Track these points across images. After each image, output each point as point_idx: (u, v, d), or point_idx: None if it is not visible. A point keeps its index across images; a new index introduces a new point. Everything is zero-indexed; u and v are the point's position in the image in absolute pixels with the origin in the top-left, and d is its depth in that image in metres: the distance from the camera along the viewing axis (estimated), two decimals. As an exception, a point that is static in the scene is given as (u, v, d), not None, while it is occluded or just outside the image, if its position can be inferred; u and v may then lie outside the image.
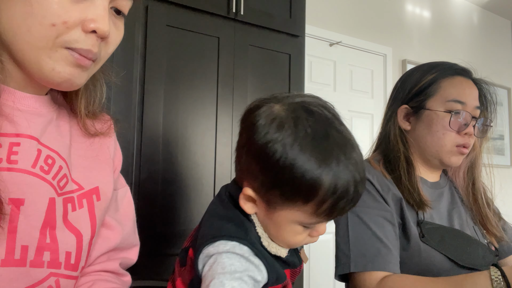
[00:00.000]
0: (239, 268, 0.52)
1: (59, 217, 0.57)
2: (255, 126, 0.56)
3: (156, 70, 1.32)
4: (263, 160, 0.55)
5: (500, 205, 1.07)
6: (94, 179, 0.64)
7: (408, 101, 0.97)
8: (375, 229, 0.85)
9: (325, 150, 0.54)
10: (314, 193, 0.53)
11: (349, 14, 2.79)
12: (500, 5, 3.74)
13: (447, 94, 0.93)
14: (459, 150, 0.92)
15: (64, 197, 0.58)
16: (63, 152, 0.60)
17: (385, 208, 0.88)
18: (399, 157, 0.94)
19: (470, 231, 0.94)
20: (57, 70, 0.53)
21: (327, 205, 0.54)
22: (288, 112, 0.57)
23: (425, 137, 0.94)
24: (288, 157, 0.52)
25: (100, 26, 0.52)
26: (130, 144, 1.26)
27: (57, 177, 0.57)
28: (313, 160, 0.52)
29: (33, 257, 0.54)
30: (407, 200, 0.90)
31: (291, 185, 0.53)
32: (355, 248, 0.84)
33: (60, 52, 0.52)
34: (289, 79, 1.62)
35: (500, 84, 3.74)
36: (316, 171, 0.52)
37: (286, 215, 0.57)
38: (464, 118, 0.91)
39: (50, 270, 0.56)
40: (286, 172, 0.53)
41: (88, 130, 0.65)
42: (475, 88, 0.96)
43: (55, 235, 0.56)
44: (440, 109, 0.92)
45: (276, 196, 0.55)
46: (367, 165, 0.95)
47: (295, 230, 0.58)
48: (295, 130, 0.54)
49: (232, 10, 1.46)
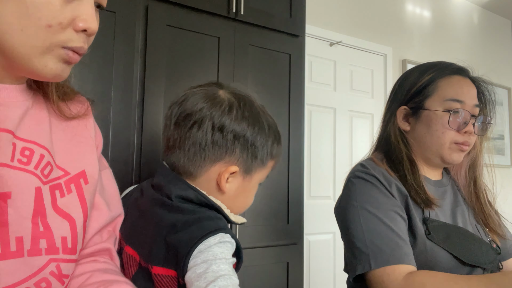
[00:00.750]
0: (227, 254, 0.64)
1: (48, 204, 0.58)
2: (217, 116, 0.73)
3: (156, 70, 1.32)
4: (243, 142, 0.74)
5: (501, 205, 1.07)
6: (79, 163, 0.65)
7: (406, 102, 0.98)
8: (389, 223, 0.85)
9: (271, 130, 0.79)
10: (273, 155, 0.78)
11: (349, 14, 2.79)
12: (500, 5, 3.74)
13: (445, 94, 0.93)
14: (458, 146, 0.93)
15: (50, 185, 0.59)
16: (42, 140, 0.60)
17: (395, 202, 0.88)
18: (402, 157, 0.94)
19: (472, 229, 0.95)
20: (50, 67, 0.54)
21: (280, 156, 0.81)
22: (234, 101, 0.75)
23: (425, 136, 0.94)
24: (258, 141, 0.76)
25: (91, 26, 0.54)
26: (130, 144, 1.26)
27: (39, 166, 0.58)
28: (270, 140, 0.78)
29: (29, 247, 0.55)
30: (413, 199, 0.90)
31: (261, 155, 0.75)
32: (372, 244, 0.83)
33: (57, 51, 0.54)
34: (289, 79, 1.62)
35: (500, 84, 3.74)
36: (271, 144, 0.77)
37: (257, 176, 0.78)
38: (463, 117, 0.92)
39: (49, 257, 0.57)
40: (259, 148, 0.75)
41: (64, 113, 0.65)
42: (473, 87, 0.96)
43: (47, 222, 0.57)
44: (439, 109, 0.92)
45: (254, 163, 0.75)
46: (371, 163, 0.95)
47: (255, 191, 0.80)
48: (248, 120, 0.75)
49: (232, 10, 1.46)
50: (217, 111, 0.71)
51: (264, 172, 0.79)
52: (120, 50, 1.25)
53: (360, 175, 0.93)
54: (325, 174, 2.59)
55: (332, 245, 2.57)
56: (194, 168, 0.73)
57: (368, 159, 0.99)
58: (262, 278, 1.50)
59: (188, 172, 0.74)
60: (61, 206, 0.60)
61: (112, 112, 1.22)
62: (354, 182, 0.93)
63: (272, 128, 0.77)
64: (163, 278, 0.67)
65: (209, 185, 0.74)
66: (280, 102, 1.59)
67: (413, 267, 0.82)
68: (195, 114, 0.71)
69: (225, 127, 0.70)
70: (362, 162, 0.98)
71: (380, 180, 0.90)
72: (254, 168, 0.76)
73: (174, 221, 0.68)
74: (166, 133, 0.77)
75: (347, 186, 0.95)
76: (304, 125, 1.65)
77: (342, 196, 0.96)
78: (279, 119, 1.58)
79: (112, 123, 1.22)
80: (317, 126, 2.56)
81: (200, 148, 0.71)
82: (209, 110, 0.71)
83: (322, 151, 2.59)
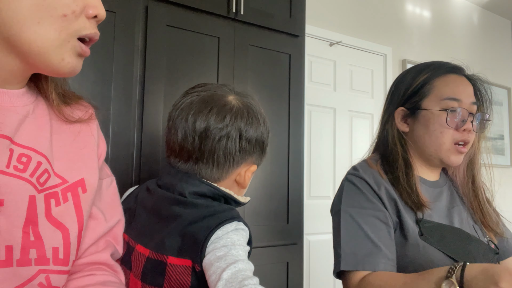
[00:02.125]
0: (243, 242, 0.71)
1: (41, 214, 0.57)
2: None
3: (156, 70, 1.32)
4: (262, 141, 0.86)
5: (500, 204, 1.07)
6: (78, 171, 0.63)
7: (404, 103, 0.98)
8: (367, 229, 0.86)
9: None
10: (266, 146, 0.87)
11: (349, 14, 2.79)
12: (500, 5, 3.74)
13: (441, 93, 0.93)
14: (457, 148, 0.93)
15: (46, 193, 0.58)
16: (41, 147, 0.59)
17: (379, 208, 0.89)
18: (397, 159, 0.94)
19: (469, 229, 0.95)
20: (66, 61, 0.54)
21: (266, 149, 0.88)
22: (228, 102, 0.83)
23: (423, 137, 0.95)
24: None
25: (101, 12, 0.56)
26: (130, 144, 1.26)
27: (35, 174, 0.57)
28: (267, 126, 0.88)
29: (19, 256, 0.54)
30: (405, 201, 0.91)
31: (265, 145, 0.87)
32: (346, 247, 0.86)
33: (72, 42, 0.54)
34: (289, 79, 1.62)
35: (500, 84, 3.74)
36: (268, 131, 0.87)
37: (259, 164, 0.87)
38: (461, 115, 0.92)
39: (38, 267, 0.55)
40: (266, 139, 0.87)
41: (67, 116, 0.64)
42: (469, 85, 0.96)
43: (39, 232, 0.56)
44: (436, 108, 0.93)
45: (258, 155, 0.85)
46: (363, 165, 0.96)
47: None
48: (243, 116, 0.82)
49: (232, 10, 1.46)
50: (240, 123, 0.80)
51: (261, 161, 0.89)
52: (120, 50, 1.25)
53: (350, 178, 0.95)
54: (325, 174, 2.59)
55: (331, 244, 2.56)
56: (223, 174, 0.82)
57: (363, 161, 1.00)
58: (262, 278, 1.50)
59: (214, 178, 0.82)
60: (55, 216, 0.58)
61: (112, 112, 1.22)
62: (344, 185, 0.96)
63: (267, 121, 0.87)
64: (178, 268, 0.70)
65: (230, 184, 0.84)
66: (280, 102, 1.59)
67: (381, 273, 0.82)
68: (223, 129, 0.79)
69: (249, 135, 0.81)
70: (355, 165, 0.99)
71: (369, 183, 0.91)
72: (261, 159, 0.87)
73: (191, 216, 0.74)
74: (185, 144, 0.80)
75: (340, 188, 0.98)
76: (304, 125, 1.65)
77: (335, 197, 0.99)
78: (279, 119, 1.58)
79: (112, 123, 1.22)
80: (317, 126, 2.56)
81: (230, 156, 0.80)
82: (233, 123, 0.80)
83: (322, 151, 2.59)
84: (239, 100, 0.83)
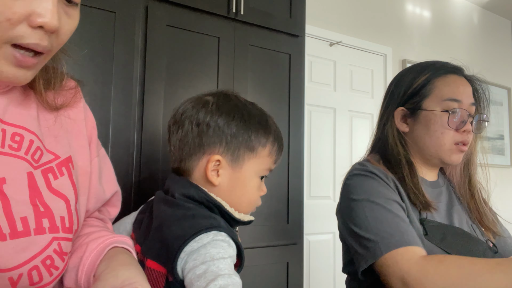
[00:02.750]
0: (224, 254, 0.64)
1: (43, 187, 0.59)
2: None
3: (156, 70, 1.32)
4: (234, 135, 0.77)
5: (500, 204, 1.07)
6: (67, 148, 0.65)
7: (404, 103, 0.98)
8: (394, 210, 0.85)
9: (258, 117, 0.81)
10: (266, 139, 0.78)
11: (349, 14, 2.79)
12: (500, 5, 3.74)
13: (442, 93, 0.93)
14: (458, 148, 0.93)
15: (42, 169, 0.60)
16: (31, 126, 0.60)
17: (394, 194, 0.89)
18: (400, 159, 0.94)
19: (468, 229, 0.95)
20: (0, 70, 0.51)
21: (277, 146, 0.79)
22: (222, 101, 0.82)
23: (424, 137, 0.94)
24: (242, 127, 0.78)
25: (48, 22, 0.50)
26: (130, 144, 1.26)
27: (30, 151, 0.58)
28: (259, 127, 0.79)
29: (35, 226, 0.56)
30: (412, 201, 0.90)
31: (251, 139, 0.77)
32: (380, 231, 0.82)
33: (4, 49, 0.50)
34: (289, 79, 1.62)
35: (500, 84, 3.74)
36: (265, 129, 0.79)
37: (251, 166, 0.77)
38: (461, 116, 0.92)
39: (52, 235, 0.58)
40: (245, 134, 0.77)
41: (50, 105, 0.63)
42: (468, 85, 0.96)
43: (46, 203, 0.58)
44: (437, 109, 0.93)
45: (242, 151, 0.76)
46: (368, 164, 0.95)
47: (256, 184, 0.78)
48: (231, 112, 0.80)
49: (232, 10, 1.46)
50: (195, 110, 0.78)
51: (259, 162, 0.78)
52: (120, 50, 1.25)
53: (358, 172, 0.93)
54: (325, 174, 2.59)
55: (332, 245, 2.57)
56: (188, 164, 0.79)
57: (365, 160, 0.99)
58: (262, 278, 1.50)
59: (186, 171, 0.80)
60: (56, 187, 0.61)
61: (112, 112, 1.22)
62: (352, 179, 0.93)
63: (255, 117, 0.79)
64: (154, 272, 0.69)
65: (202, 180, 0.79)
66: (280, 102, 1.59)
67: (423, 250, 0.81)
68: (179, 118, 0.80)
69: (200, 121, 0.76)
70: (360, 162, 0.98)
71: (379, 175, 0.91)
72: (242, 157, 0.77)
73: (170, 214, 0.71)
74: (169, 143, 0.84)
75: (345, 186, 0.96)
76: (304, 125, 1.65)
77: (341, 197, 0.96)
78: (279, 119, 1.58)
79: (112, 123, 1.22)
80: (317, 126, 2.56)
81: (187, 145, 0.78)
82: (190, 111, 0.79)
83: (322, 151, 2.59)
84: (212, 94, 0.82)
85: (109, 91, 1.23)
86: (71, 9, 0.55)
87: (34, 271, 0.56)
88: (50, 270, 0.58)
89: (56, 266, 0.59)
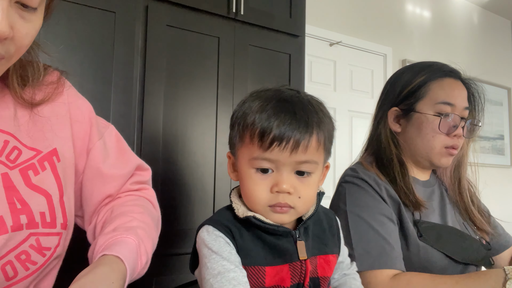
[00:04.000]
0: (207, 252, 0.61)
1: (20, 185, 0.59)
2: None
3: (156, 70, 1.32)
4: (231, 120, 0.69)
5: (500, 204, 1.07)
6: (50, 141, 0.64)
7: (398, 103, 0.98)
8: (377, 227, 0.85)
9: (265, 95, 0.67)
10: (245, 121, 0.64)
11: (349, 14, 2.79)
12: (500, 5, 3.74)
13: (436, 97, 0.93)
14: (448, 151, 0.93)
15: (20, 168, 0.60)
16: (5, 126, 0.60)
17: (384, 206, 0.89)
18: (392, 159, 0.94)
19: (460, 227, 0.96)
20: None
21: (257, 131, 0.62)
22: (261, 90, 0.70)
23: (415, 139, 0.95)
24: (241, 108, 0.67)
25: None
26: (130, 144, 1.26)
27: (4, 153, 0.58)
28: (253, 103, 0.65)
29: (11, 223, 0.56)
30: (403, 202, 0.91)
31: (237, 124, 0.66)
32: (358, 247, 0.83)
33: None
34: (289, 79, 1.62)
35: (500, 84, 3.74)
36: (250, 105, 0.65)
37: (241, 156, 0.65)
38: (453, 120, 0.92)
39: (29, 231, 0.59)
40: (239, 117, 0.67)
41: (27, 101, 0.62)
42: (464, 89, 0.96)
43: (24, 199, 0.59)
44: (430, 112, 0.93)
45: (235, 140, 0.67)
46: (360, 168, 0.96)
47: (251, 176, 0.63)
48: (258, 94, 0.67)
49: (232, 10, 1.46)
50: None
51: (245, 151, 0.64)
52: (120, 50, 1.25)
53: (350, 180, 0.93)
54: (325, 174, 2.59)
55: (332, 245, 2.57)
56: None
57: (358, 163, 1.00)
58: (262, 278, 1.50)
59: None
60: (36, 183, 0.61)
61: (112, 112, 1.22)
62: (344, 186, 0.93)
63: (261, 96, 0.66)
64: None
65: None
66: (280, 102, 1.59)
67: (399, 271, 0.82)
68: None
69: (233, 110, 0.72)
70: (352, 167, 0.98)
71: (370, 184, 0.91)
72: (237, 146, 0.67)
73: None
74: None
75: (337, 191, 0.96)
76: (304, 125, 1.65)
77: (332, 200, 0.97)
78: (279, 119, 1.57)
79: (112, 123, 1.22)
80: (317, 126, 2.56)
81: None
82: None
83: (322, 151, 2.59)
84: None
85: (109, 91, 1.23)
86: (29, 13, 0.53)
87: (7, 266, 0.56)
88: (26, 265, 0.58)
89: (33, 261, 0.59)
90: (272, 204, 0.62)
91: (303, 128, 0.61)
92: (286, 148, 0.60)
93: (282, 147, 0.60)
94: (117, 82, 1.24)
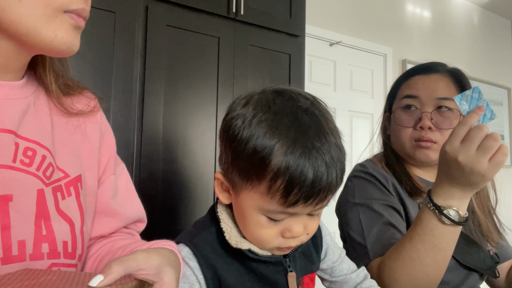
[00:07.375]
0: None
1: (51, 207, 0.56)
2: (229, 108, 0.58)
3: (156, 70, 1.32)
4: (226, 136, 0.55)
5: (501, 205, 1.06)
6: (78, 167, 0.63)
7: (387, 108, 1.02)
8: (387, 216, 0.86)
9: (285, 126, 0.51)
10: (263, 166, 0.49)
11: (349, 14, 2.79)
12: (500, 5, 3.74)
13: (401, 93, 0.96)
14: (418, 144, 0.91)
15: (53, 186, 0.57)
16: (44, 141, 0.58)
17: (392, 199, 0.90)
18: (387, 155, 0.99)
19: (471, 235, 0.95)
20: (60, 36, 0.52)
21: (280, 185, 0.49)
22: (260, 94, 0.57)
23: (393, 138, 0.98)
24: (245, 130, 0.52)
25: None
26: (130, 144, 1.26)
27: (42, 167, 0.56)
28: (268, 135, 0.50)
29: (31, 251, 0.53)
30: (405, 188, 0.92)
31: (245, 158, 0.51)
32: (370, 236, 0.84)
33: (61, 17, 0.52)
34: (289, 79, 1.62)
35: (500, 84, 3.74)
36: (268, 143, 0.50)
37: (246, 198, 0.54)
38: (415, 112, 0.91)
39: (51, 261, 0.55)
40: (242, 144, 0.51)
41: (67, 108, 0.62)
42: (438, 81, 0.92)
43: (51, 225, 0.56)
44: (396, 108, 0.95)
45: (235, 174, 0.54)
46: (369, 163, 0.98)
47: (260, 221, 0.54)
48: (258, 105, 0.54)
49: (232, 10, 1.46)
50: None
51: (255, 198, 0.53)
52: (120, 50, 1.25)
53: (358, 174, 0.95)
54: (325, 174, 2.59)
55: (332, 245, 2.57)
56: None
57: (368, 160, 1.02)
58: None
59: None
60: (62, 209, 0.58)
61: (112, 112, 1.22)
62: (353, 181, 0.95)
63: (279, 127, 0.51)
64: None
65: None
66: (280, 102, 1.59)
67: None
68: None
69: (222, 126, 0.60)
70: (362, 163, 1.01)
71: (378, 177, 0.92)
72: (238, 184, 0.55)
73: None
74: None
75: (345, 186, 0.98)
76: (304, 125, 1.65)
77: (341, 196, 0.98)
78: (279, 119, 1.58)
79: (112, 123, 1.22)
80: (317, 126, 2.56)
81: None
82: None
83: (322, 151, 2.59)
84: (260, 93, 0.61)
85: (109, 91, 1.23)
86: None
87: None
88: None
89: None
90: (282, 247, 0.56)
91: (334, 185, 0.53)
92: (311, 204, 0.52)
93: (308, 203, 0.51)
94: (117, 82, 1.24)
